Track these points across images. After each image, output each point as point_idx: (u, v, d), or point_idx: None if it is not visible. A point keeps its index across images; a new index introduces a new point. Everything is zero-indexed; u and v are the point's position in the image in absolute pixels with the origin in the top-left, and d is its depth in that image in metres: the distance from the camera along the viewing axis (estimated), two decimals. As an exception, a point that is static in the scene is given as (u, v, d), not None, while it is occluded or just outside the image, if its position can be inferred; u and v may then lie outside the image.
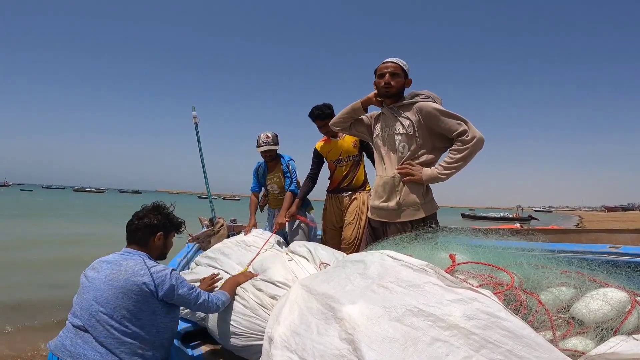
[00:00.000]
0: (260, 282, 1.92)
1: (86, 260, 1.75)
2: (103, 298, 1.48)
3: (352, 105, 2.33)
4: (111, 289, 1.49)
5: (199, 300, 1.68)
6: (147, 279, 1.52)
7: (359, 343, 1.02)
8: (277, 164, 3.49)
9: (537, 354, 0.94)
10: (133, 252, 1.65)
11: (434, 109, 2.01)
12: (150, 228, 1.71)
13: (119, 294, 1.49)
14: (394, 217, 2.11)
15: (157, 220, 1.74)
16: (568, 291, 1.24)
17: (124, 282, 1.50)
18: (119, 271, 1.53)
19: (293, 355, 1.16)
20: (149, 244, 1.72)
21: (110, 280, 1.51)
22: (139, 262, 1.58)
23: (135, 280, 1.51)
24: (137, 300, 1.50)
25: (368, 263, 1.37)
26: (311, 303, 1.32)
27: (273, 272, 1.94)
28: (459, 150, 1.95)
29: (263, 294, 1.84)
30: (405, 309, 1.07)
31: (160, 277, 1.55)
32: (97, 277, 1.54)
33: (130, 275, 1.52)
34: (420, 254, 1.46)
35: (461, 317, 1.02)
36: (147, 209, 1.76)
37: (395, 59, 2.13)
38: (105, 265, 1.58)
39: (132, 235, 1.72)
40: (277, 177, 3.49)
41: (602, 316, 1.12)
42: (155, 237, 1.73)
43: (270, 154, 3.40)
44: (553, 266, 1.40)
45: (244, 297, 1.88)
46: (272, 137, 3.37)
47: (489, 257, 1.39)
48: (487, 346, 0.96)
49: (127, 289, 1.49)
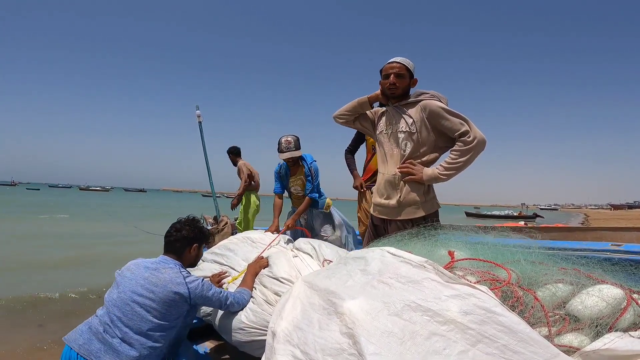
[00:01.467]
0: (265, 278, 1.97)
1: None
2: (139, 295, 1.62)
3: (358, 99, 2.31)
4: (147, 292, 1.63)
5: (228, 301, 1.83)
6: (182, 289, 1.66)
7: (359, 337, 1.05)
8: (300, 167, 3.39)
9: (532, 349, 0.96)
10: (170, 261, 1.78)
11: (438, 107, 2.02)
12: (187, 240, 1.86)
13: (154, 296, 1.62)
14: (395, 215, 2.13)
15: (194, 233, 1.89)
16: (565, 288, 1.25)
17: (162, 288, 1.64)
18: (157, 277, 1.67)
19: (295, 349, 1.19)
20: (184, 255, 1.87)
21: (148, 282, 1.65)
22: (176, 272, 1.72)
23: (172, 289, 1.65)
24: (169, 305, 1.64)
25: (369, 259, 1.40)
26: (313, 299, 1.36)
27: (278, 268, 2.00)
28: (460, 151, 1.96)
29: (268, 290, 1.89)
30: (404, 304, 1.10)
31: (194, 286, 1.70)
32: (134, 278, 1.68)
33: (167, 282, 1.66)
34: (420, 251, 1.49)
35: (458, 312, 1.04)
36: (184, 222, 1.90)
37: (401, 59, 2.11)
38: (143, 269, 1.71)
39: (170, 246, 1.85)
40: (300, 180, 3.40)
41: (597, 312, 1.14)
42: (191, 248, 1.89)
43: (292, 159, 3.28)
44: (551, 263, 1.41)
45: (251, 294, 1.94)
46: (293, 142, 3.21)
47: (487, 254, 1.42)
48: (483, 341, 0.99)
49: (164, 294, 1.63)
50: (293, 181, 3.45)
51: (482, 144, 1.95)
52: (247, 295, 1.93)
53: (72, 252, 8.29)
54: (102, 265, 6.84)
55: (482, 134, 1.95)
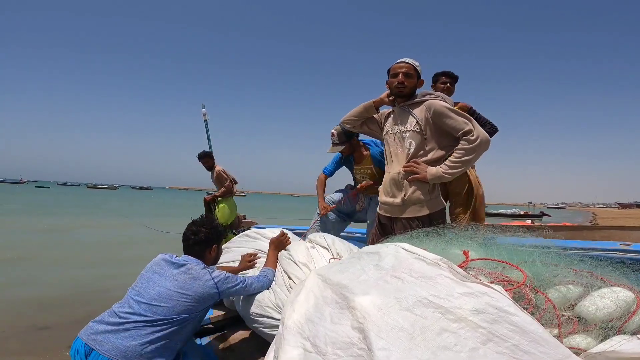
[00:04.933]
0: (284, 260, 2.09)
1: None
2: (167, 294, 1.63)
3: (364, 104, 2.39)
4: (177, 289, 1.65)
5: (252, 287, 1.89)
6: (211, 284, 1.71)
7: (369, 332, 1.06)
8: (364, 155, 3.11)
9: (543, 350, 0.96)
10: (193, 260, 1.79)
11: (442, 106, 2.07)
12: (205, 243, 1.88)
13: (184, 294, 1.64)
14: (399, 213, 2.17)
15: (211, 234, 1.90)
16: (575, 289, 1.26)
17: (191, 285, 1.67)
18: (186, 274, 1.71)
19: (306, 341, 1.21)
20: (205, 256, 1.88)
21: (176, 280, 1.67)
22: (203, 270, 1.75)
23: (201, 284, 1.69)
24: (197, 301, 1.67)
25: (383, 255, 1.42)
26: (326, 292, 1.37)
27: (296, 252, 2.09)
28: (464, 150, 2.00)
29: (284, 272, 2.00)
30: (416, 299, 1.11)
31: (220, 281, 1.75)
32: (163, 274, 1.70)
33: (196, 279, 1.70)
34: (434, 249, 1.50)
35: (470, 310, 1.05)
36: (199, 223, 1.91)
37: (409, 60, 2.17)
38: (172, 265, 1.74)
39: (189, 250, 1.87)
40: (369, 170, 3.11)
41: (606, 315, 1.14)
42: (211, 249, 1.91)
43: (343, 151, 3.03)
44: (565, 264, 1.41)
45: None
46: (337, 134, 2.93)
47: (502, 255, 1.42)
48: (493, 340, 1.00)
49: (193, 291, 1.66)
50: (358, 170, 3.20)
51: (486, 143, 2.00)
52: (270, 274, 2.00)
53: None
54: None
55: (485, 133, 2.01)
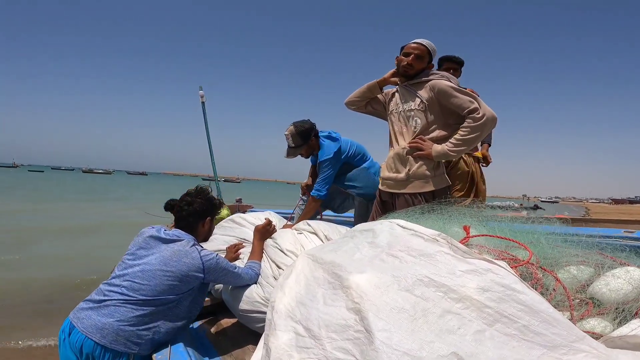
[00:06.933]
0: (270, 249, 1.97)
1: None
2: (150, 272, 1.51)
3: (367, 85, 2.36)
4: (161, 266, 1.52)
5: (242, 277, 1.77)
6: (197, 263, 1.57)
7: (366, 312, 0.96)
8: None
9: (555, 331, 0.88)
10: (184, 236, 1.67)
11: (447, 85, 2.03)
12: (199, 214, 1.76)
13: (167, 271, 1.52)
14: (402, 188, 2.13)
15: (205, 206, 1.79)
16: (587, 270, 1.17)
17: (176, 262, 1.54)
18: (172, 250, 1.57)
19: (297, 325, 1.12)
20: (197, 229, 1.77)
21: (162, 256, 1.55)
22: (192, 248, 1.62)
23: (187, 262, 1.56)
24: (180, 280, 1.53)
25: (377, 232, 1.32)
26: (317, 272, 1.27)
27: (283, 240, 1.98)
28: (470, 127, 1.95)
29: (271, 262, 1.89)
30: (416, 278, 1.02)
31: (209, 263, 1.61)
32: (149, 249, 1.59)
33: (182, 256, 1.57)
34: (432, 227, 1.40)
35: (474, 288, 0.96)
36: (194, 194, 1.80)
37: (426, 42, 2.12)
38: (160, 240, 1.62)
39: (182, 221, 1.75)
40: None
41: (622, 296, 1.06)
42: (204, 222, 1.80)
43: (302, 155, 2.73)
44: (571, 246, 1.33)
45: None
46: (291, 136, 2.64)
47: (505, 233, 1.33)
48: (501, 320, 0.91)
49: (177, 268, 1.53)
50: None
51: (492, 121, 1.95)
52: (257, 267, 1.88)
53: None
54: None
55: (491, 110, 1.95)
